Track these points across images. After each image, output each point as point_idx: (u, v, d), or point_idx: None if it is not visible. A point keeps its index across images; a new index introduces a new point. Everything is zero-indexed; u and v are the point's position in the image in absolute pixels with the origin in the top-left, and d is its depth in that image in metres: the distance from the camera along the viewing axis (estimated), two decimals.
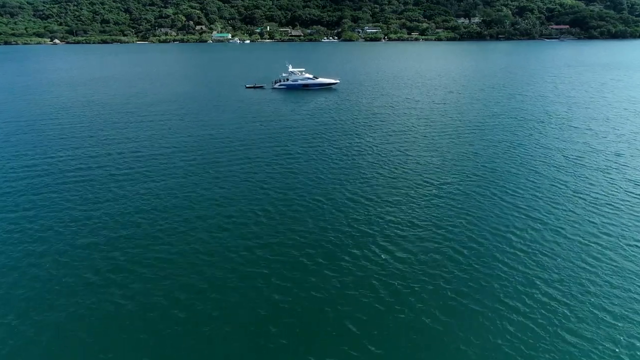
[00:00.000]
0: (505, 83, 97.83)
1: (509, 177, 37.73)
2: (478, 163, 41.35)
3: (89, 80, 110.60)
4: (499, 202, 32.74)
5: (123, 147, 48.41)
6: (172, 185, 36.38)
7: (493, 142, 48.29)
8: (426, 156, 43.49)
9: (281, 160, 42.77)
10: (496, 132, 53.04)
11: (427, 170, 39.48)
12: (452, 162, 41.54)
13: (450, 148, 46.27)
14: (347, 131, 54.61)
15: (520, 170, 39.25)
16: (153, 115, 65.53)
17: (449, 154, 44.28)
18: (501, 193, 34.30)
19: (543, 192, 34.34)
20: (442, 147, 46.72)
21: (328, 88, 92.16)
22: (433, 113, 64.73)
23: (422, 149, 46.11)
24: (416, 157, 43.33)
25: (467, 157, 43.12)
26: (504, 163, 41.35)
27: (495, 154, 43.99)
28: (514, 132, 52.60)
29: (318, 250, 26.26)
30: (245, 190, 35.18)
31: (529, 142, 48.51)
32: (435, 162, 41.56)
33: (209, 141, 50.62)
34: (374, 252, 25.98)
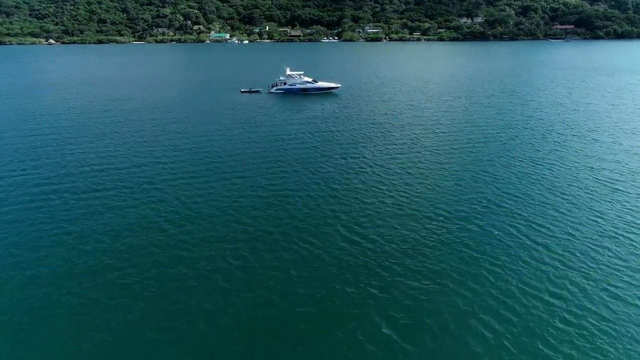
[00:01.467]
0: (515, 87, 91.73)
1: (536, 207, 31.65)
2: (497, 188, 35.30)
3: (73, 83, 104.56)
4: (527, 243, 26.66)
5: (90, 161, 42.52)
6: (142, 208, 30.39)
7: (512, 160, 42.23)
8: (435, 177, 37.45)
9: (269, 182, 36.76)
10: (513, 147, 46.96)
11: (436, 197, 33.44)
12: (466, 186, 35.49)
13: (463, 167, 40.23)
14: (346, 145, 48.59)
15: (548, 198, 33.18)
16: (133, 124, 59.57)
17: (462, 174, 38.24)
18: (528, 229, 28.25)
19: (579, 230, 28.25)
20: (453, 165, 40.68)
21: (328, 92, 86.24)
22: (440, 123, 58.69)
23: (430, 168, 40.05)
24: (423, 179, 37.28)
25: (483, 179, 37.07)
26: (527, 188, 35.28)
27: (516, 176, 37.93)
28: (535, 147, 46.50)
29: (299, 324, 20.28)
30: (221, 225, 29.18)
31: (552, 159, 42.42)
32: (446, 186, 35.52)
33: (189, 155, 44.66)
34: (373, 324, 19.96)
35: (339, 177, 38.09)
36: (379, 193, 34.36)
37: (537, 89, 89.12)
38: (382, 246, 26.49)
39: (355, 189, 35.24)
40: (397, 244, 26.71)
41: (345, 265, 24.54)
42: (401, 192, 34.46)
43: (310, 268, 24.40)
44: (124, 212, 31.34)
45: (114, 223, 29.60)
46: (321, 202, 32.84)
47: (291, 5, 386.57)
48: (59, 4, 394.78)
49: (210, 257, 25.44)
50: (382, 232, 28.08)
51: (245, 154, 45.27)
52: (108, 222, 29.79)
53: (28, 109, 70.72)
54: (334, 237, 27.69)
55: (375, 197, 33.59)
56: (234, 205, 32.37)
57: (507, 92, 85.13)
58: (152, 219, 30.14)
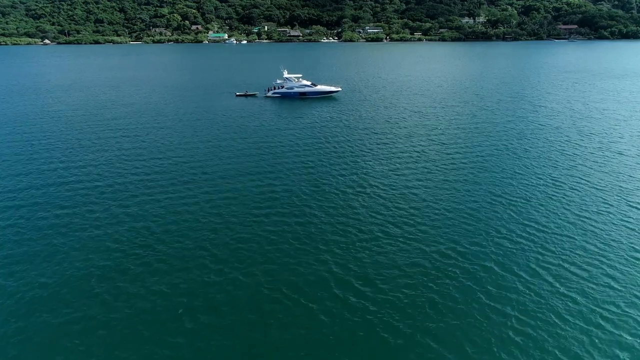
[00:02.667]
0: (523, 91, 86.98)
1: (564, 243, 26.90)
2: (516, 214, 30.54)
3: (57, 86, 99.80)
4: (560, 291, 21.97)
5: (65, 173, 38.06)
6: (105, 230, 25.77)
7: (530, 179, 37.45)
8: (444, 201, 32.71)
9: (256, 204, 32.09)
10: (529, 162, 42.20)
11: (446, 227, 28.72)
12: (479, 211, 30.74)
13: (475, 186, 35.51)
14: (345, 158, 43.92)
15: (578, 231, 28.41)
16: (114, 132, 54.97)
17: (474, 197, 33.51)
18: (558, 270, 23.56)
19: (619, 278, 23.49)
20: (463, 185, 35.96)
21: (328, 97, 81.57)
22: (447, 132, 53.99)
23: (439, 189, 35.33)
24: (432, 203, 32.56)
25: (500, 204, 32.32)
26: (551, 215, 30.51)
27: (537, 200, 33.14)
28: (553, 162, 41.73)
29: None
30: (200, 249, 24.52)
31: (575, 178, 37.66)
32: (457, 212, 30.79)
33: (169, 169, 40.04)
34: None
35: (337, 199, 33.39)
36: (381, 221, 29.64)
37: (547, 93, 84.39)
38: (383, 295, 21.81)
39: (353, 215, 30.53)
40: (402, 293, 22.02)
41: (337, 325, 19.87)
42: (405, 220, 29.73)
43: (294, 328, 19.73)
44: (88, 232, 26.70)
45: (92, 239, 24.96)
46: (314, 232, 28.17)
47: (290, 4, 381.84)
48: (56, 4, 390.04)
49: (187, 280, 20.80)
50: (384, 274, 23.40)
51: (233, 170, 40.66)
52: (86, 238, 25.15)
53: (12, 112, 66.09)
54: (325, 282, 23.00)
55: (377, 225, 28.89)
56: (210, 238, 27.68)
57: (516, 96, 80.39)
58: (120, 242, 25.49)
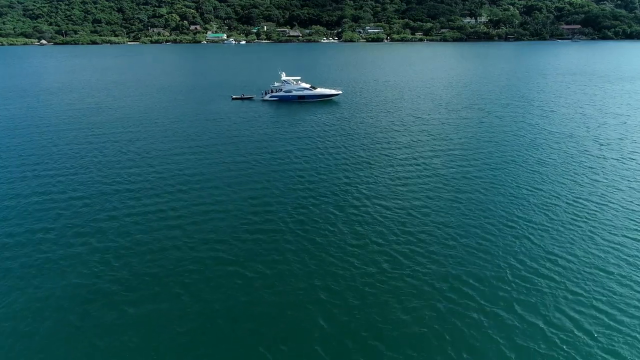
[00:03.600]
0: (530, 94, 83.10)
1: (596, 278, 23.14)
2: (535, 245, 26.65)
3: (45, 89, 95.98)
4: (588, 343, 18.18)
5: (37, 183, 34.19)
6: (105, 239, 22.00)
7: (548, 199, 33.50)
8: (452, 224, 28.86)
9: (248, 219, 28.32)
10: (548, 176, 38.25)
11: (454, 256, 24.91)
12: (498, 241, 26.87)
13: (486, 205, 31.61)
14: (346, 169, 40.17)
15: (612, 263, 24.60)
16: (96, 138, 51.25)
17: (488, 220, 29.65)
18: (587, 310, 19.75)
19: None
20: (477, 206, 32.07)
21: (328, 100, 77.82)
22: (452, 140, 50.11)
23: (445, 208, 31.47)
24: (441, 225, 28.73)
25: (518, 228, 28.46)
26: (575, 241, 26.69)
27: (559, 222, 29.27)
28: (572, 178, 37.78)
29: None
30: (187, 273, 20.72)
31: (598, 197, 33.74)
32: (468, 237, 26.96)
33: (153, 180, 36.34)
34: None
35: (332, 217, 29.56)
36: (383, 248, 25.81)
37: (555, 96, 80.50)
38: (383, 340, 17.99)
39: (354, 239, 26.68)
40: (405, 339, 18.18)
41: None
42: (411, 247, 25.89)
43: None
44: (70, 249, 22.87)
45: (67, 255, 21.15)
46: (305, 259, 24.36)
47: (290, 4, 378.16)
48: (54, 4, 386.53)
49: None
50: (385, 315, 19.56)
51: (224, 181, 37.15)
52: (62, 256, 21.34)
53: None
54: (316, 321, 19.17)
55: (377, 254, 25.06)
56: (192, 256, 23.88)
57: (523, 100, 76.53)
58: (99, 258, 21.69)
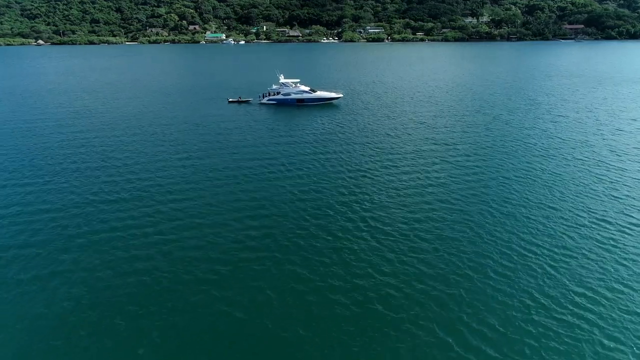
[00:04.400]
0: (538, 98, 79.52)
1: (631, 322, 19.75)
2: (558, 277, 23.27)
3: (34, 90, 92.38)
4: None
5: (6, 195, 30.84)
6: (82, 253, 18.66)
7: (568, 218, 30.04)
8: (460, 243, 25.46)
9: (244, 233, 24.90)
10: (564, 191, 34.82)
11: (463, 282, 21.50)
12: (515, 275, 23.43)
13: (503, 232, 28.17)
14: (346, 179, 36.98)
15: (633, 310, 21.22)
16: (77, 147, 47.70)
17: (504, 245, 26.21)
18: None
19: None
20: (490, 230, 28.59)
21: (328, 103, 74.49)
22: (458, 148, 46.63)
23: (452, 223, 28.03)
24: (451, 248, 25.29)
25: (539, 256, 25.02)
26: (605, 273, 23.27)
27: (583, 249, 25.84)
28: (593, 194, 34.29)
29: None
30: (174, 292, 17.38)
31: (623, 216, 30.33)
32: (483, 268, 23.53)
33: (139, 191, 32.94)
34: None
35: (328, 236, 26.14)
36: (385, 271, 22.40)
37: (564, 100, 76.97)
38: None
39: (354, 263, 23.26)
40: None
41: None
42: (416, 266, 22.48)
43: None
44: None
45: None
46: (301, 279, 20.94)
47: (290, 4, 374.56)
48: (51, 3, 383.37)
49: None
50: (384, 343, 16.17)
51: (214, 194, 34.17)
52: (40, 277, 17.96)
53: None
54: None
55: (379, 275, 21.64)
56: (181, 276, 20.46)
57: (531, 104, 73.03)
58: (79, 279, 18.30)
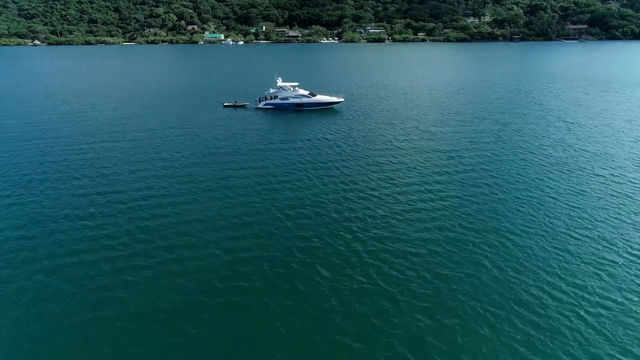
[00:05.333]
0: (548, 103, 75.24)
1: None
2: (587, 332, 19.23)
3: (18, 93, 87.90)
4: None
5: None
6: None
7: (595, 247, 26.01)
8: (473, 275, 21.39)
9: (234, 252, 20.84)
10: (588, 214, 30.61)
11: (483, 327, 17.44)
12: (540, 321, 19.41)
13: (518, 265, 24.09)
14: (346, 193, 32.86)
15: None
16: (54, 155, 43.56)
17: (518, 281, 22.12)
18: None
19: None
20: (506, 264, 24.51)
21: (328, 108, 70.51)
22: (469, 162, 42.48)
23: (461, 250, 23.96)
24: (461, 275, 21.22)
25: (559, 304, 20.99)
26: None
27: (616, 287, 21.81)
28: (620, 216, 30.17)
29: None
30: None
31: None
32: (494, 305, 19.45)
33: (126, 202, 28.90)
34: None
35: (323, 269, 22.05)
36: (387, 307, 18.34)
37: (576, 105, 72.74)
38: None
39: (355, 286, 19.19)
40: None
41: None
42: (425, 293, 18.41)
43: None
44: None
45: None
46: (292, 310, 16.91)
47: (289, 4, 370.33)
48: (49, 3, 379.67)
49: None
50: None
51: (201, 209, 30.43)
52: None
53: None
54: None
55: (380, 298, 17.60)
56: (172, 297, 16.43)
57: (541, 109, 68.80)
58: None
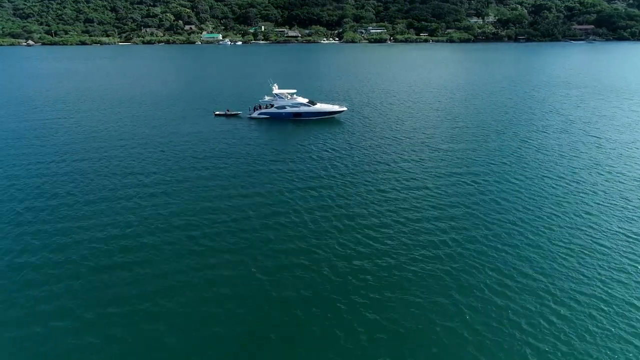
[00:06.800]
0: (569, 114, 68.14)
1: None
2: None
3: None
4: None
5: None
6: None
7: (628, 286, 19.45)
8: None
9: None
10: (618, 247, 24.17)
11: None
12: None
13: (535, 299, 17.50)
14: (346, 222, 26.12)
15: None
16: (16, 171, 37.05)
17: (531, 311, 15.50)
18: None
19: None
20: (524, 303, 17.92)
21: (329, 118, 64.01)
22: (489, 190, 35.74)
23: (473, 289, 17.37)
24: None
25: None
26: None
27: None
28: None
29: None
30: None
31: None
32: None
33: (91, 228, 22.37)
34: None
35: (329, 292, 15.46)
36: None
37: (602, 117, 65.69)
38: None
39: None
40: None
41: None
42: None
43: None
44: None
45: None
46: None
47: (289, 3, 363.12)
48: (45, 3, 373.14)
49: None
50: None
51: (177, 243, 24.10)
52: None
53: None
54: None
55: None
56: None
57: (563, 122, 61.83)
58: None
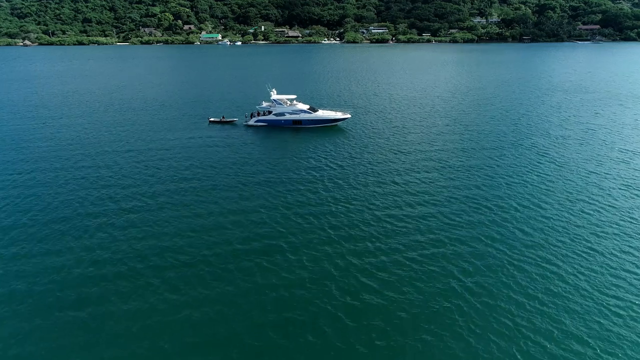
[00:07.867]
0: (588, 123, 63.21)
1: None
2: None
3: None
4: None
5: None
6: None
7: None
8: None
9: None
10: None
11: None
12: None
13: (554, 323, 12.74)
14: (346, 243, 21.32)
15: None
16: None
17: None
18: None
19: None
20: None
21: (331, 126, 59.36)
22: (518, 219, 30.90)
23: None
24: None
25: None
26: None
27: None
28: None
29: None
30: None
31: None
32: None
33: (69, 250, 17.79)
34: None
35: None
36: None
37: (624, 126, 61.00)
38: None
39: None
40: None
41: None
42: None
43: None
44: None
45: None
46: None
47: (289, 3, 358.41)
48: (43, 2, 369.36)
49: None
50: None
51: (164, 264, 19.34)
52: None
53: None
54: None
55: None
56: None
57: (586, 133, 56.84)
58: None
